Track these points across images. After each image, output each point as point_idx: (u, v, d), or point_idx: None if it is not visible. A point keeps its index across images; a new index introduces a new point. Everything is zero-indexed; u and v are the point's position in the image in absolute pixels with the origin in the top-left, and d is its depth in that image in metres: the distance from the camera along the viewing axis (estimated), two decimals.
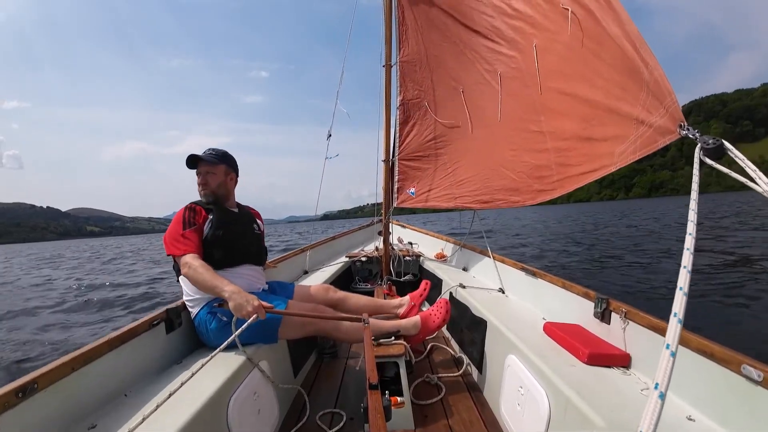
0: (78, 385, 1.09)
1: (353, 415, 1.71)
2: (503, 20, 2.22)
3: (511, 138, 2.30)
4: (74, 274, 12.76)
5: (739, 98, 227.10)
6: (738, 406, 0.96)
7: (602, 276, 6.75)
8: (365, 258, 3.74)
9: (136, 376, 1.32)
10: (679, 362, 1.10)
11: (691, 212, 0.85)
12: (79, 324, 5.42)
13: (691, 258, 0.74)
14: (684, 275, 0.70)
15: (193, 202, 1.73)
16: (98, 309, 6.36)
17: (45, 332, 5.04)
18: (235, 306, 1.39)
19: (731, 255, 7.92)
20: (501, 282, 2.49)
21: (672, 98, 1.26)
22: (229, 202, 1.86)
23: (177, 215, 1.68)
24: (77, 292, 8.42)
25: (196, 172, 1.78)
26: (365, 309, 1.94)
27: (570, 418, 1.12)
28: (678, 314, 0.65)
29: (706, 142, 1.02)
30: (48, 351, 4.19)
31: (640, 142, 1.39)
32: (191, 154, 1.73)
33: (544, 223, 24.65)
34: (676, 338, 0.62)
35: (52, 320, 5.73)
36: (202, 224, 1.67)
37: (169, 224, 1.67)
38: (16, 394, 0.91)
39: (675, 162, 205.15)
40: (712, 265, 6.85)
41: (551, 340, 1.57)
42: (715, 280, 5.75)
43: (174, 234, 1.60)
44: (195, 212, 1.67)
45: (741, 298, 4.78)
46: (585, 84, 1.67)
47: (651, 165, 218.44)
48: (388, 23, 3.28)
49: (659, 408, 0.56)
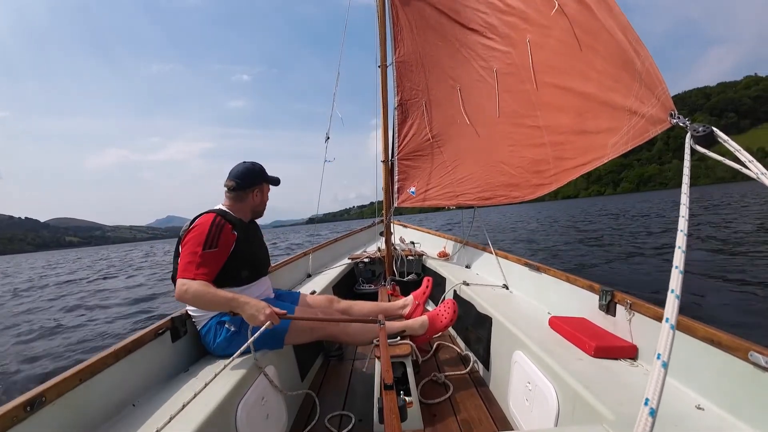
0: (86, 396, 1.09)
1: (362, 416, 1.72)
2: (497, 16, 2.23)
3: (510, 134, 2.31)
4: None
5: (722, 90, 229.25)
6: (746, 393, 0.95)
7: (609, 271, 6.77)
8: (368, 259, 3.74)
9: (144, 385, 1.32)
10: (686, 351, 1.11)
11: (683, 196, 0.89)
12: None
13: (685, 239, 0.79)
14: (679, 255, 0.76)
15: (222, 216, 1.59)
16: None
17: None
18: (249, 316, 1.41)
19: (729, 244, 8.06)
20: (505, 278, 2.50)
21: (663, 87, 1.27)
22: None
23: (201, 226, 1.52)
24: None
25: (259, 189, 1.78)
26: (371, 314, 1.96)
27: (579, 412, 1.12)
28: (675, 290, 0.71)
29: (696, 130, 1.03)
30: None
31: (633, 132, 1.40)
32: (278, 177, 1.85)
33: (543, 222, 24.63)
34: (674, 312, 0.67)
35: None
36: (226, 249, 1.55)
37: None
38: (25, 408, 0.90)
39: (662, 155, 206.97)
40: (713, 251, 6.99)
41: (557, 334, 1.57)
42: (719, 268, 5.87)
43: (192, 250, 1.46)
44: (222, 231, 1.53)
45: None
46: (579, 77, 1.68)
47: (638, 159, 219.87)
48: (382, 23, 3.28)
49: (662, 377, 0.60)
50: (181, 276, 1.44)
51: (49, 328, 6.02)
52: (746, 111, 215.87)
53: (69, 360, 4.37)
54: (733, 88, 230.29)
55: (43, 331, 5.79)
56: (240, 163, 1.76)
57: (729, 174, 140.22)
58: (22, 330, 6.10)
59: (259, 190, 1.78)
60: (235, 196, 1.72)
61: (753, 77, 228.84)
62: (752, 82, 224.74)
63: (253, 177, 1.75)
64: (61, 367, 3.55)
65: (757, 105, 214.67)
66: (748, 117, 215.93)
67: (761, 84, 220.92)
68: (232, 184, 1.70)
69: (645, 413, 0.57)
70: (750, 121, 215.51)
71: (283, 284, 2.66)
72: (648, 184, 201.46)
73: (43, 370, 4.11)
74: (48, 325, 6.25)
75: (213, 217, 1.56)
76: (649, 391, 0.59)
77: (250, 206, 1.76)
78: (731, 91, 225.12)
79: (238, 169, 1.73)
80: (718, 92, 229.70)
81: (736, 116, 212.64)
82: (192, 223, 1.58)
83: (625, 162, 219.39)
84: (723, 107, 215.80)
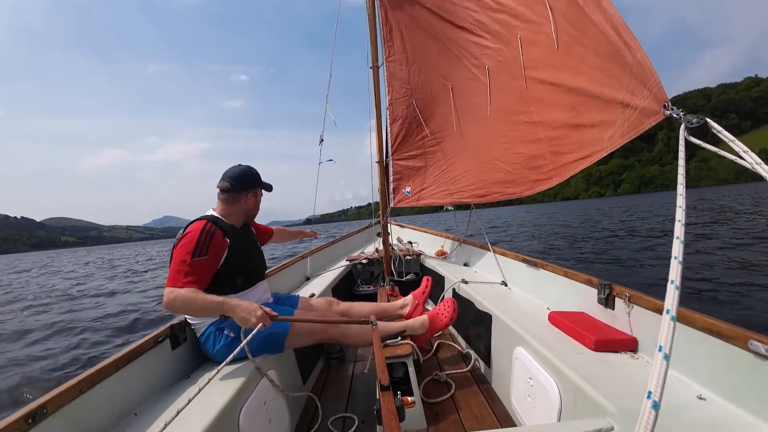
0: (87, 407, 1.08)
1: (365, 418, 1.71)
2: (487, 14, 2.23)
3: (504, 131, 2.31)
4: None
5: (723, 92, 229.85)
6: (747, 382, 0.96)
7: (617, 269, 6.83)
8: (366, 260, 3.74)
9: (145, 394, 1.31)
10: (687, 342, 1.12)
11: (679, 186, 0.89)
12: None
13: (683, 229, 0.80)
14: (677, 245, 0.77)
15: (213, 222, 1.57)
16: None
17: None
18: (240, 319, 1.39)
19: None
20: (503, 275, 2.51)
21: (655, 79, 1.27)
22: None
23: (191, 234, 1.50)
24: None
25: (252, 193, 1.77)
26: (369, 315, 1.96)
27: (581, 406, 1.12)
28: (675, 281, 0.71)
29: (690, 121, 1.04)
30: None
31: (627, 125, 1.40)
32: (271, 184, 1.83)
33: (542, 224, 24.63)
34: (675, 303, 0.68)
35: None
36: (217, 256, 1.53)
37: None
38: (26, 421, 0.89)
39: (663, 157, 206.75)
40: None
41: (557, 329, 1.58)
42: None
43: (181, 259, 1.44)
44: (212, 238, 1.51)
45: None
46: (570, 72, 1.68)
47: (639, 160, 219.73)
48: (373, 25, 3.28)
49: (665, 368, 0.61)
50: (169, 285, 1.41)
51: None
52: (747, 112, 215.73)
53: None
54: (733, 89, 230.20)
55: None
56: (235, 166, 1.76)
57: (732, 175, 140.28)
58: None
59: (253, 194, 1.77)
60: (228, 198, 1.70)
61: (754, 78, 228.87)
62: (753, 83, 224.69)
63: (247, 180, 1.74)
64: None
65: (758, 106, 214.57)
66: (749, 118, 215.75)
67: (762, 85, 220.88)
68: (227, 185, 1.68)
69: (648, 406, 0.58)
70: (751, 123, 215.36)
71: (281, 288, 2.65)
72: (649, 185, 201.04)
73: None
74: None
75: (203, 224, 1.54)
76: (652, 383, 0.59)
77: (243, 209, 1.75)
78: (732, 93, 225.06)
79: (234, 171, 1.73)
80: (718, 93, 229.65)
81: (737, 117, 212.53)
82: (184, 230, 1.56)
83: (626, 163, 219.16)
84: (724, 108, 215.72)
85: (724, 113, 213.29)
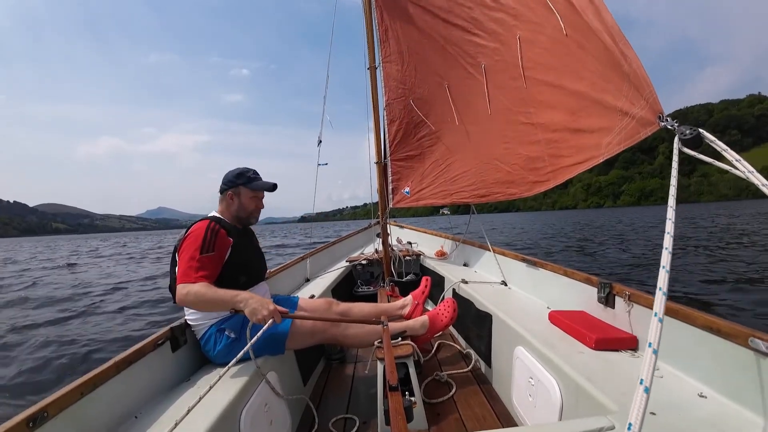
0: (88, 410, 1.08)
1: (366, 419, 1.71)
2: (482, 11, 2.22)
3: (504, 131, 2.30)
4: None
5: (725, 108, 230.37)
6: (748, 379, 0.96)
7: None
8: (366, 261, 3.74)
9: (146, 396, 1.31)
10: (687, 340, 1.13)
11: (671, 197, 0.93)
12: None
13: (671, 240, 0.86)
14: (666, 255, 0.84)
15: (216, 222, 1.61)
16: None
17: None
18: (252, 311, 1.38)
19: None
20: (503, 275, 2.51)
21: (650, 89, 1.28)
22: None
23: (196, 232, 1.53)
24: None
25: (256, 195, 1.77)
26: (371, 316, 1.96)
27: (582, 404, 1.12)
28: (663, 288, 0.79)
29: (684, 133, 1.05)
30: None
31: (624, 133, 1.41)
32: (274, 183, 1.80)
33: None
34: (662, 308, 0.76)
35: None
36: (223, 252, 1.57)
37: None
38: (27, 424, 0.89)
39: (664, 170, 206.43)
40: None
41: (557, 328, 1.58)
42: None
43: (190, 256, 1.47)
44: (217, 236, 1.54)
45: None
46: (571, 76, 1.68)
47: (639, 172, 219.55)
48: (369, 26, 3.28)
49: (653, 362, 0.69)
50: (182, 281, 1.44)
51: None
52: (749, 129, 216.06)
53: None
54: (736, 105, 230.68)
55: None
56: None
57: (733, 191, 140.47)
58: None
59: (234, 194, 1.74)
60: (220, 198, 1.76)
61: (756, 96, 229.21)
62: (756, 101, 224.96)
63: (227, 179, 1.75)
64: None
65: (760, 124, 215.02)
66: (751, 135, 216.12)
67: (765, 103, 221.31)
68: (220, 187, 1.76)
69: (640, 391, 0.66)
70: (753, 140, 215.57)
71: (281, 289, 2.64)
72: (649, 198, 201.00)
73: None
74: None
75: (207, 223, 1.58)
76: (643, 372, 0.68)
77: (228, 210, 1.75)
78: (734, 109, 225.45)
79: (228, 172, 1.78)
80: (720, 109, 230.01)
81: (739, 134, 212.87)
82: (187, 231, 1.59)
83: (626, 174, 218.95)
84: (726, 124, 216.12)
85: (726, 129, 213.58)
